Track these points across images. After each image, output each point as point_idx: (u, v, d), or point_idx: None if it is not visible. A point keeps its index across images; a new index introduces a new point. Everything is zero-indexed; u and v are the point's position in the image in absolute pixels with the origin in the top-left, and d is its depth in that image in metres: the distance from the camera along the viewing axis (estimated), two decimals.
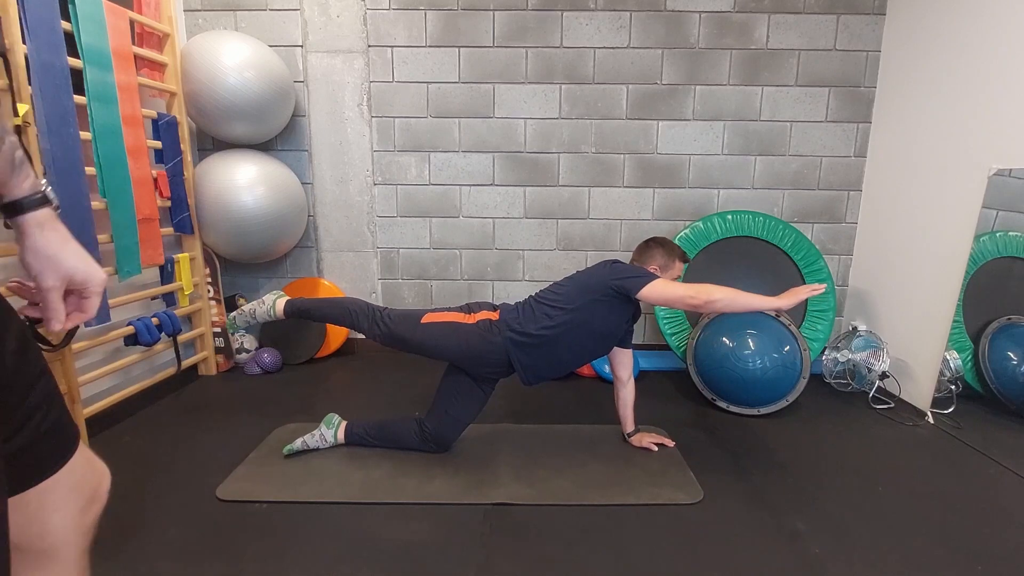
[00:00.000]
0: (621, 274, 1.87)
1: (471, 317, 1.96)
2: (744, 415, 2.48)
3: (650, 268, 1.99)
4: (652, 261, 2.02)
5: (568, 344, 1.91)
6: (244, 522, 1.67)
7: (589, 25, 2.94)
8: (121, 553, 1.53)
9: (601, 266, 1.96)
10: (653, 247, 2.05)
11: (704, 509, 1.76)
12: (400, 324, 1.97)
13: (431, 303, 3.27)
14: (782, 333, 2.50)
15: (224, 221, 2.71)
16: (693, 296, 1.74)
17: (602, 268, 1.94)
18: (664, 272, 2.00)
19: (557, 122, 3.05)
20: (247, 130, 2.76)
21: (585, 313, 1.88)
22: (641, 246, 2.09)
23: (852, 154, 3.06)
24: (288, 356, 3.10)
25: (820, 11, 2.91)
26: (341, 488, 1.84)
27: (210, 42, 2.63)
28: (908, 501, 1.82)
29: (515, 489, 1.84)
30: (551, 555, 1.54)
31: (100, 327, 2.22)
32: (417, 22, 2.96)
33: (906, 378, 2.67)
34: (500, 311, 1.98)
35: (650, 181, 3.11)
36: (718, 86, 3.00)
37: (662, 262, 2.01)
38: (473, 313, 1.98)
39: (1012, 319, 2.37)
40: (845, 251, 3.17)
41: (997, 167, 2.23)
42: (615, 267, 1.92)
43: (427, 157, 3.11)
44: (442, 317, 1.96)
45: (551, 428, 2.30)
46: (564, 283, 1.99)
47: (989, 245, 2.34)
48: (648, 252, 2.04)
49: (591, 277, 1.93)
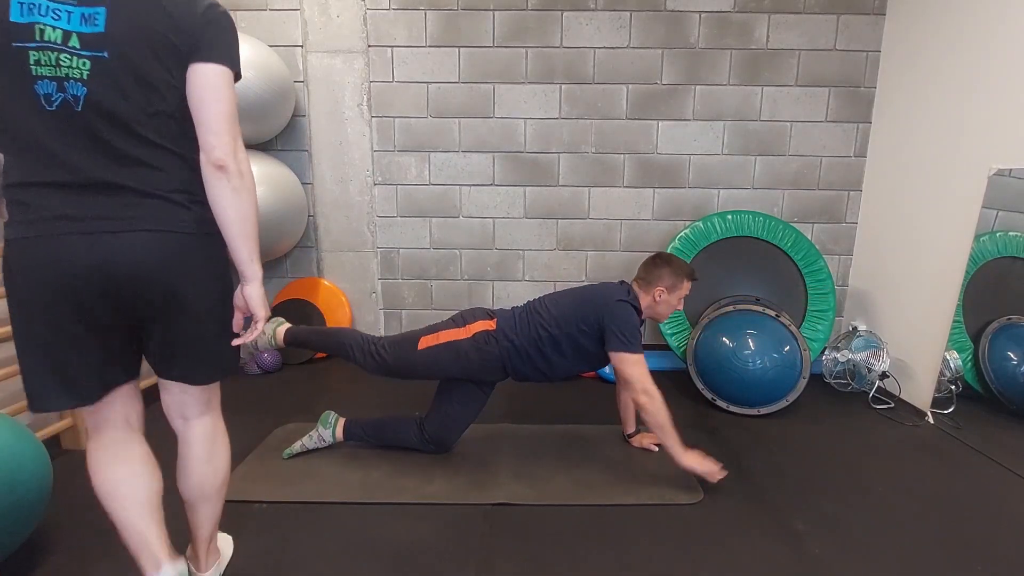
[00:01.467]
0: (616, 324, 1.81)
1: (466, 330, 1.92)
2: (744, 415, 2.48)
3: (656, 289, 1.93)
4: (659, 281, 1.94)
5: (559, 362, 1.90)
6: (244, 522, 1.67)
7: (589, 25, 2.94)
8: (121, 553, 1.53)
9: (604, 300, 1.87)
10: (661, 266, 1.96)
11: (704, 509, 1.76)
12: (396, 354, 1.92)
13: (431, 303, 3.27)
14: (782, 333, 2.49)
15: None
16: (644, 391, 1.77)
17: (604, 304, 1.86)
18: (671, 292, 1.94)
19: (557, 122, 3.05)
20: (247, 130, 2.76)
21: (577, 339, 1.87)
22: (648, 264, 1.99)
23: (852, 154, 3.06)
24: (288, 356, 3.10)
25: (820, 11, 2.91)
26: (341, 488, 1.84)
27: None
28: (908, 501, 1.82)
29: (515, 489, 1.84)
30: (551, 555, 1.54)
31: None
32: (417, 22, 2.96)
33: (906, 378, 2.67)
34: (497, 320, 1.94)
35: (650, 181, 3.11)
36: (718, 86, 3.00)
37: (670, 283, 1.94)
38: (468, 324, 1.94)
39: (1012, 319, 2.37)
40: (845, 251, 3.17)
41: (997, 167, 2.23)
42: (615, 314, 1.83)
43: (427, 157, 3.11)
44: (438, 339, 1.91)
45: (551, 428, 2.30)
46: (563, 300, 1.95)
47: (989, 245, 2.34)
48: (655, 271, 1.95)
49: (589, 307, 1.87)
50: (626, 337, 1.80)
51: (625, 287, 1.96)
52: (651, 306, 1.96)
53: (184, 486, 1.32)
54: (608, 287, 1.95)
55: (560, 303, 1.94)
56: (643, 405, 1.78)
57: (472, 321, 1.94)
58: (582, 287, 2.02)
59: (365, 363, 1.95)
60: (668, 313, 1.99)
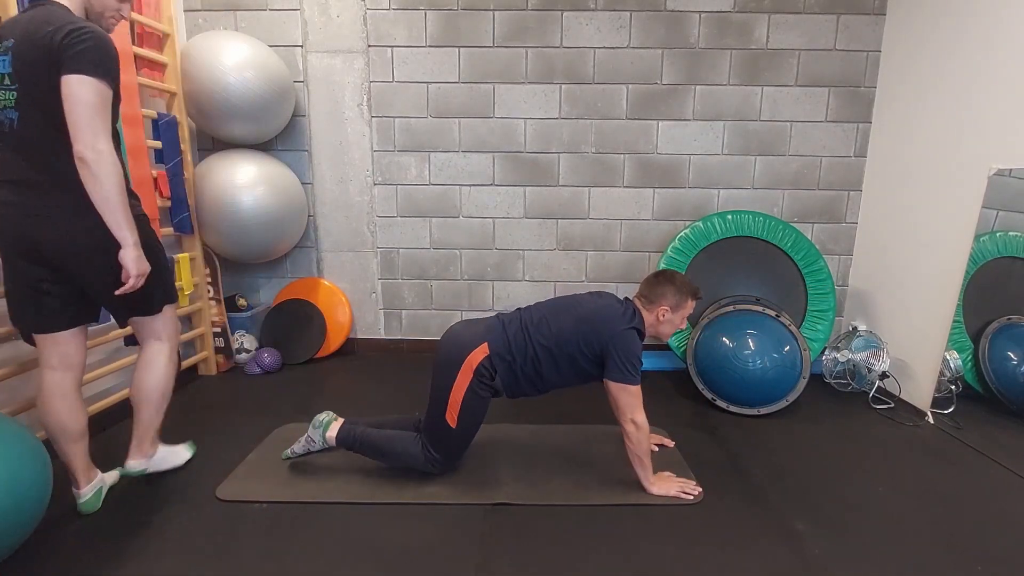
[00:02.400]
0: (621, 355, 1.75)
1: (467, 371, 1.77)
2: (744, 415, 2.48)
3: (660, 308, 1.84)
4: (662, 300, 1.85)
5: (552, 378, 1.84)
6: (244, 522, 1.67)
7: (589, 25, 2.94)
8: (122, 553, 1.53)
9: (610, 327, 1.77)
10: (664, 284, 1.86)
11: (704, 509, 1.76)
12: (442, 447, 1.85)
13: (431, 303, 3.27)
14: (782, 333, 2.49)
15: (224, 221, 2.71)
16: (633, 421, 1.76)
17: (610, 332, 1.77)
18: (675, 312, 1.86)
19: (557, 122, 3.05)
20: (247, 130, 2.76)
21: (576, 359, 1.81)
22: (651, 281, 1.90)
23: (852, 154, 3.06)
24: (288, 356, 3.10)
25: (820, 11, 2.91)
26: (341, 488, 1.84)
27: (210, 42, 2.63)
28: (908, 501, 1.82)
29: (515, 489, 1.84)
30: (551, 555, 1.54)
31: (100, 327, 2.21)
32: (417, 22, 2.96)
33: (906, 378, 2.67)
34: (487, 343, 1.79)
35: (650, 181, 3.11)
36: (718, 86, 3.00)
37: (673, 302, 1.85)
38: (463, 363, 1.78)
39: (1012, 319, 2.37)
40: (845, 251, 3.17)
41: (997, 167, 2.23)
42: (620, 344, 1.75)
43: (427, 157, 3.11)
44: (456, 403, 1.78)
45: (551, 428, 2.30)
46: (563, 316, 1.83)
47: (989, 245, 2.34)
48: (658, 289, 1.86)
49: (593, 331, 1.78)
50: (629, 370, 1.74)
51: (630, 308, 1.85)
52: (654, 325, 1.87)
53: (131, 389, 1.82)
54: (613, 308, 1.83)
55: (560, 319, 1.82)
56: (628, 433, 1.77)
57: (464, 357, 1.78)
58: (583, 301, 1.88)
59: (432, 470, 1.89)
60: (671, 332, 1.91)
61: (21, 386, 1.94)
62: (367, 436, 1.90)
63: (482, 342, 1.79)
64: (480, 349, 1.78)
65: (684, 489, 1.82)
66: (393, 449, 1.89)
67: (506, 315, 1.91)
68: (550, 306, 1.90)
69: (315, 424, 1.94)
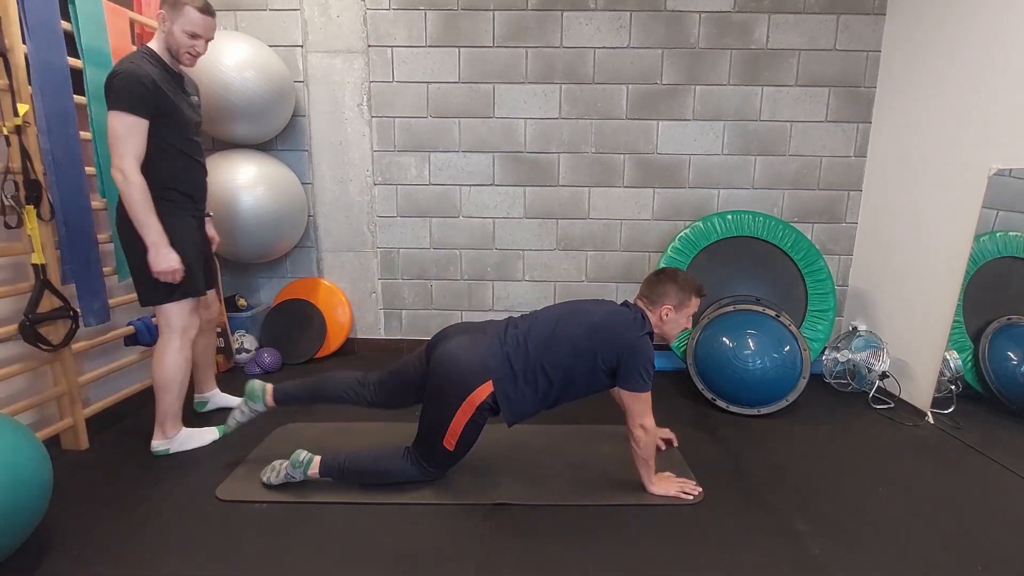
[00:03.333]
0: (639, 363, 1.71)
1: (470, 408, 1.70)
2: (744, 415, 2.48)
3: (663, 308, 1.79)
4: (665, 300, 1.79)
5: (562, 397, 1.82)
6: (244, 522, 1.67)
7: (589, 25, 2.94)
8: (122, 553, 1.53)
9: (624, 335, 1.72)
10: (666, 283, 1.81)
11: (704, 509, 1.76)
12: (437, 462, 1.81)
13: (431, 303, 3.27)
14: (782, 333, 2.49)
15: (224, 221, 2.70)
16: (642, 425, 1.74)
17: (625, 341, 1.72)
18: (678, 311, 1.80)
19: (557, 122, 3.05)
20: (247, 130, 2.76)
21: (591, 375, 1.76)
22: (652, 281, 1.84)
23: (852, 154, 3.06)
24: (288, 356, 3.10)
25: (820, 11, 2.91)
26: (341, 488, 1.83)
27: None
28: (908, 501, 1.82)
29: (515, 489, 1.84)
30: (551, 555, 1.54)
31: (100, 327, 2.21)
32: (417, 22, 2.96)
33: (906, 378, 2.67)
34: (493, 381, 1.70)
35: (650, 181, 3.11)
36: (718, 86, 3.00)
37: (676, 300, 1.79)
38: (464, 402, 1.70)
39: (1012, 319, 2.37)
40: (845, 251, 3.17)
41: (997, 167, 2.23)
42: (639, 352, 1.71)
43: (427, 157, 3.11)
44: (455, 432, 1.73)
45: (551, 428, 2.30)
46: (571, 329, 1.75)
47: (989, 245, 2.34)
48: (660, 288, 1.81)
49: (607, 341, 1.72)
50: (644, 377, 1.71)
51: (639, 313, 1.79)
52: (658, 326, 1.82)
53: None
54: (623, 315, 1.78)
55: (569, 331, 1.75)
56: (637, 438, 1.76)
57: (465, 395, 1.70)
58: (588, 309, 1.82)
59: (427, 479, 1.86)
60: (676, 333, 1.85)
61: (21, 386, 1.94)
62: (352, 460, 1.83)
63: (485, 380, 1.70)
64: (483, 388, 1.70)
65: (684, 489, 1.83)
66: (382, 467, 1.84)
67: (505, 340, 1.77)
68: (550, 321, 1.80)
69: (295, 464, 1.81)
